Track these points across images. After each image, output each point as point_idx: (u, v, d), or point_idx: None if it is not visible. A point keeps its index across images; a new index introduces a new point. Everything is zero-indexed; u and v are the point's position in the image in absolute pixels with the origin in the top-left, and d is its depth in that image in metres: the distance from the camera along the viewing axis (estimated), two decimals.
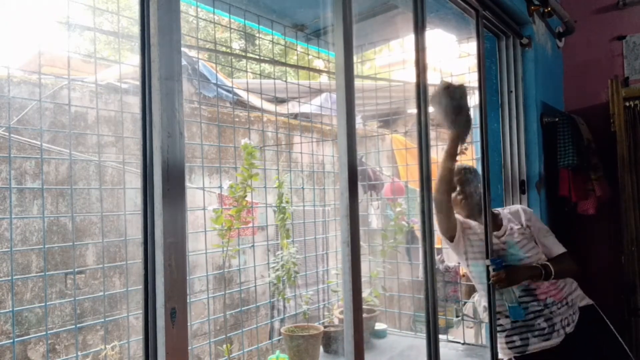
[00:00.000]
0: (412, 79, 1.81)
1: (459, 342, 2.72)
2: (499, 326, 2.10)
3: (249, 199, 2.34)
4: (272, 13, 2.62)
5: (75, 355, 2.08)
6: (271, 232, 3.19)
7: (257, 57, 4.13)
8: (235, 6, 2.40)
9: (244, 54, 6.04)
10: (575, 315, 2.03)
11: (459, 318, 3.70)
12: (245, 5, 2.44)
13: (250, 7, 2.48)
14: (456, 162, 2.02)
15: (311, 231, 3.14)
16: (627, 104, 2.96)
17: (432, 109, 1.97)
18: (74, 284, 3.00)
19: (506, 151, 2.74)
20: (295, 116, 4.32)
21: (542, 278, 1.97)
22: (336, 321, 2.77)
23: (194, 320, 3.06)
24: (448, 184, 1.98)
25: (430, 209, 1.76)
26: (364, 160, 4.29)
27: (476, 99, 2.31)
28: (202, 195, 2.39)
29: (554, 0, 2.80)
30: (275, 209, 2.58)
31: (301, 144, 3.73)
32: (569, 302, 2.03)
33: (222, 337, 2.44)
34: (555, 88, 3.20)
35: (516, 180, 2.71)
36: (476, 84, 2.21)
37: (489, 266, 2.01)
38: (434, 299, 1.76)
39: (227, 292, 2.57)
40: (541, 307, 2.00)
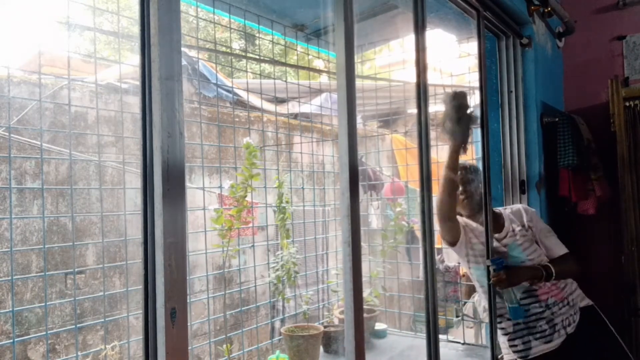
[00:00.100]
0: (412, 79, 1.80)
1: (459, 342, 2.72)
2: (501, 330, 2.09)
3: (249, 199, 2.34)
4: (272, 13, 2.62)
5: (75, 355, 2.08)
6: (271, 232, 3.19)
7: (257, 57, 4.12)
8: (235, 6, 2.40)
9: (244, 54, 6.04)
10: (576, 316, 2.02)
11: (459, 318, 3.70)
12: (245, 5, 2.44)
13: (250, 7, 2.48)
14: (457, 171, 1.99)
15: (311, 231, 3.14)
16: (627, 104, 2.96)
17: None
18: (74, 284, 3.00)
19: (506, 151, 2.74)
20: (295, 116, 4.31)
21: (542, 279, 1.96)
22: (336, 321, 2.77)
23: (194, 320, 3.06)
24: (451, 195, 1.97)
25: (430, 209, 1.76)
26: (364, 160, 4.29)
27: (476, 98, 2.31)
28: (202, 195, 2.39)
29: (554, 0, 2.80)
30: (275, 209, 2.58)
31: (301, 144, 3.72)
32: (570, 302, 2.02)
33: (222, 337, 2.44)
34: (555, 88, 3.20)
35: (516, 180, 2.71)
36: (476, 84, 2.21)
37: (489, 266, 2.00)
38: (434, 299, 1.76)
39: (227, 292, 2.57)
40: (542, 309, 2.00)
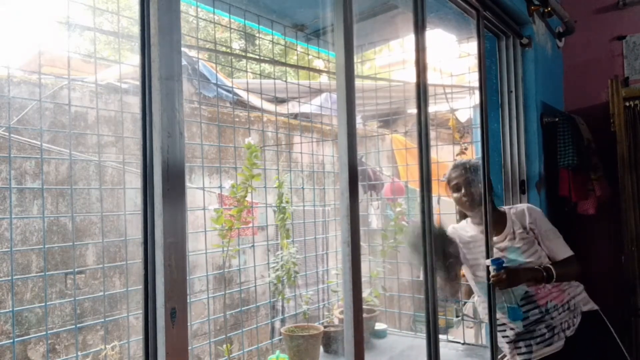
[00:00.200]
0: (412, 79, 1.80)
1: (459, 342, 2.72)
2: (505, 337, 2.09)
3: (249, 199, 2.34)
4: (272, 13, 2.62)
5: (75, 355, 2.08)
6: (271, 232, 3.19)
7: (257, 57, 4.12)
8: (235, 6, 2.40)
9: (244, 54, 6.04)
10: (576, 319, 2.00)
11: (459, 318, 3.69)
12: (245, 5, 2.44)
13: (250, 7, 2.48)
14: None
15: (311, 231, 3.14)
16: (627, 104, 2.96)
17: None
18: (74, 284, 3.00)
19: (506, 151, 2.74)
20: (295, 116, 4.32)
21: (543, 281, 1.94)
22: (336, 321, 2.77)
23: (194, 320, 3.06)
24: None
25: (430, 209, 1.76)
26: (364, 160, 4.29)
27: (476, 99, 2.31)
28: (202, 195, 2.39)
29: (554, 0, 2.80)
30: (275, 209, 2.58)
31: (301, 144, 3.72)
32: (570, 307, 2.00)
33: (222, 337, 2.44)
34: (555, 88, 3.20)
35: (516, 180, 2.71)
36: (476, 84, 2.21)
37: (489, 266, 2.00)
38: (434, 299, 1.76)
39: (227, 292, 2.57)
40: (542, 314, 1.98)
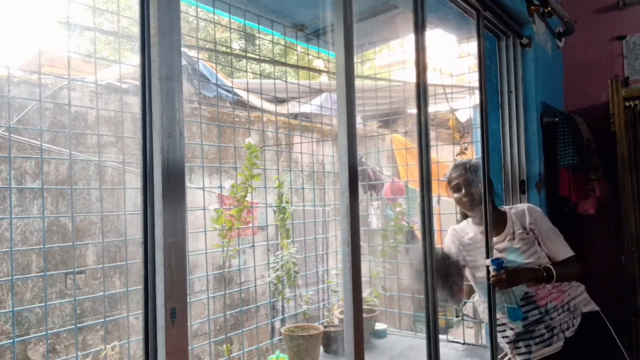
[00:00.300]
0: (412, 79, 1.80)
1: (459, 342, 2.72)
2: (505, 338, 2.10)
3: (249, 199, 2.34)
4: (272, 13, 2.61)
5: (75, 355, 2.08)
6: (271, 232, 3.19)
7: (257, 57, 4.12)
8: (235, 6, 2.40)
9: (244, 54, 6.04)
10: (576, 320, 2.00)
11: (459, 318, 3.69)
12: (245, 5, 2.44)
13: (250, 7, 2.48)
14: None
15: (311, 231, 3.14)
16: (627, 104, 2.96)
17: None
18: (74, 284, 3.00)
19: (506, 151, 2.74)
20: (295, 116, 4.32)
21: (543, 281, 1.94)
22: (336, 321, 2.77)
23: (194, 320, 3.06)
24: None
25: (430, 209, 1.76)
26: (364, 160, 4.29)
27: (476, 99, 2.31)
28: (202, 195, 2.39)
29: (554, 0, 2.80)
30: (275, 209, 2.58)
31: (301, 144, 3.72)
32: (570, 307, 2.00)
33: (222, 337, 2.44)
34: (555, 88, 3.20)
35: (516, 180, 2.71)
36: (476, 84, 2.21)
37: (489, 266, 2.00)
38: (434, 299, 1.76)
39: (227, 292, 2.57)
40: (541, 315, 1.98)
